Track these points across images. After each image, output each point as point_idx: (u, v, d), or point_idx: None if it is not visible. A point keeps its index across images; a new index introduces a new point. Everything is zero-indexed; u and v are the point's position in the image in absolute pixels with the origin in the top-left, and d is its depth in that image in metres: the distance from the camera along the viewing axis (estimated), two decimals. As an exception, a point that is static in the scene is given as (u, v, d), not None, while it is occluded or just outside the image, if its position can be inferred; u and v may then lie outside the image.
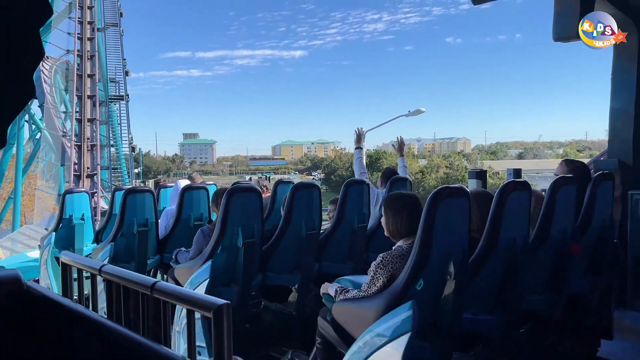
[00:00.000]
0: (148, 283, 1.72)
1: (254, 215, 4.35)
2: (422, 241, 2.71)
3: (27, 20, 1.61)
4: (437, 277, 2.78)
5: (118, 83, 36.20)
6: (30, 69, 1.68)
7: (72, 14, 35.72)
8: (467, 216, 2.97)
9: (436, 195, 2.78)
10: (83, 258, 2.48)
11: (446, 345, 2.89)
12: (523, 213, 3.37)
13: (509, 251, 3.20)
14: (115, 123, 36.16)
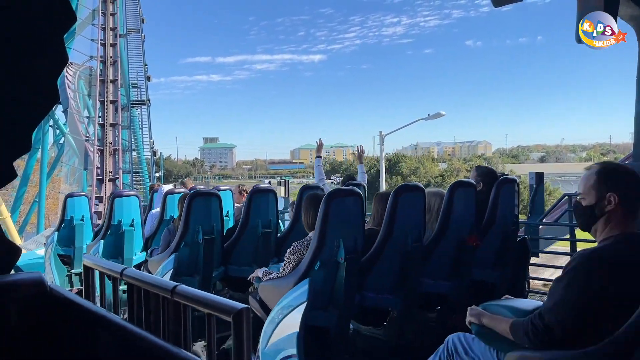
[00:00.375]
0: (168, 287, 1.73)
1: (214, 216, 5.13)
2: (319, 232, 3.38)
3: (51, 27, 1.64)
4: (331, 260, 3.47)
5: (140, 88, 36.68)
6: (54, 74, 1.70)
7: (95, 20, 36.40)
8: (360, 211, 3.65)
9: (331, 194, 3.47)
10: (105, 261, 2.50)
11: (342, 315, 3.53)
12: (417, 210, 4.00)
13: (404, 242, 3.82)
14: (137, 127, 36.63)
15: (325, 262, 3.45)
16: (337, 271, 3.52)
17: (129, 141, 34.58)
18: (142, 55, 37.51)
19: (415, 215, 4.10)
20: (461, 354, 2.61)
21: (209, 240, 4.95)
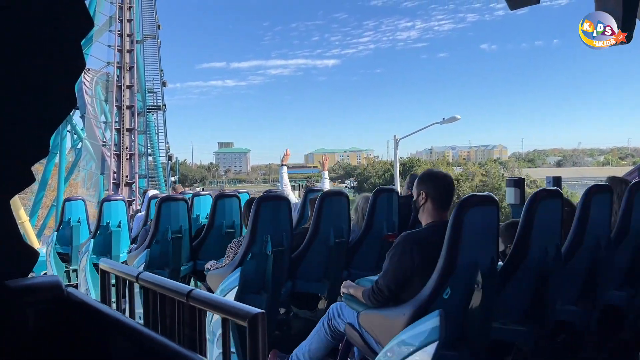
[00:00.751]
0: (184, 291, 1.73)
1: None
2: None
3: (68, 33, 1.66)
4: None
5: (156, 93, 37.07)
6: (71, 80, 1.72)
7: (112, 27, 36.91)
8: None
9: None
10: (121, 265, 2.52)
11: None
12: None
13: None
14: (153, 132, 37.02)
15: (256, 254, 4.15)
16: (267, 262, 4.20)
17: (145, 146, 34.94)
18: (158, 61, 37.94)
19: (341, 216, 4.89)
20: (336, 317, 3.37)
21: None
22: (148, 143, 35.69)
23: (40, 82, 1.61)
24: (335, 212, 4.83)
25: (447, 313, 2.67)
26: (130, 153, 32.85)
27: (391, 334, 2.81)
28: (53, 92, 1.66)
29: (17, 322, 1.72)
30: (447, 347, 2.75)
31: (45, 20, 1.57)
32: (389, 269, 2.88)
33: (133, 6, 38.03)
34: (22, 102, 1.60)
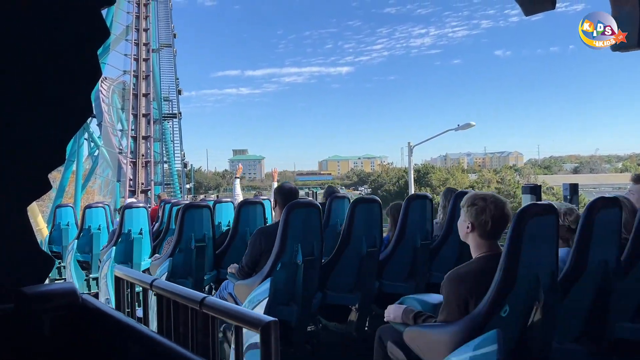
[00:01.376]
0: (197, 298, 1.73)
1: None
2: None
3: (85, 42, 1.68)
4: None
5: (171, 101, 37.44)
6: (88, 88, 1.74)
7: (128, 36, 37.43)
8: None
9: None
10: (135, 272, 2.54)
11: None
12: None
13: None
14: (169, 140, 37.36)
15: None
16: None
17: (160, 153, 35.27)
18: (173, 69, 38.35)
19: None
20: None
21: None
22: (164, 150, 36.02)
23: (56, 91, 1.64)
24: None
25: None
26: (146, 160, 33.19)
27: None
28: (69, 101, 1.68)
29: (32, 328, 1.74)
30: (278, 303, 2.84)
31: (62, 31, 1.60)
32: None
33: (149, 15, 38.57)
34: (38, 111, 1.62)
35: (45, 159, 1.68)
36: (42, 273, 1.85)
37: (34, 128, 1.62)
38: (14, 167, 1.62)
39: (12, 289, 1.71)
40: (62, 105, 1.66)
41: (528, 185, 7.87)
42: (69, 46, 1.64)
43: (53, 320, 1.76)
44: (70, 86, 1.65)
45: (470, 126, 21.81)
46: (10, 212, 1.66)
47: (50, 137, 1.65)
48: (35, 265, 1.80)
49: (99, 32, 1.70)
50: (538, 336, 2.57)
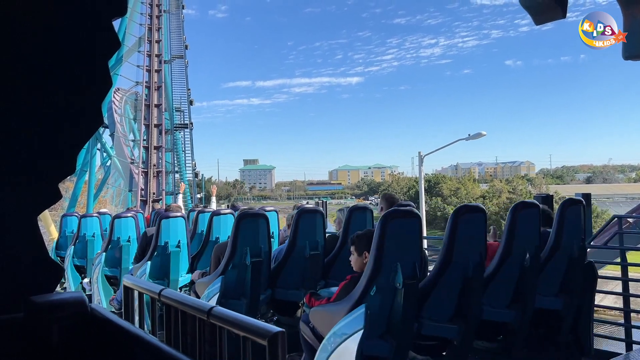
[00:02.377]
0: (205, 308, 1.73)
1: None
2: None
3: (96, 53, 1.70)
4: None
5: (183, 112, 37.68)
6: (98, 98, 1.76)
7: (141, 47, 37.88)
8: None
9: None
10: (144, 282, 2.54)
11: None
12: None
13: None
14: (180, 150, 37.56)
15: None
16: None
17: (172, 163, 35.48)
18: (185, 80, 38.62)
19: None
20: None
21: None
22: (175, 160, 36.23)
23: (66, 100, 1.65)
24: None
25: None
26: (157, 170, 33.41)
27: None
28: (80, 111, 1.69)
29: (42, 337, 1.74)
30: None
31: (73, 41, 1.62)
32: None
33: (162, 27, 39.03)
34: (48, 121, 1.64)
35: (56, 169, 1.69)
36: (51, 282, 1.86)
37: (44, 138, 1.64)
38: (24, 176, 1.63)
39: (22, 298, 1.72)
40: (72, 115, 1.67)
41: (540, 195, 7.78)
42: (80, 56, 1.66)
43: (62, 330, 1.76)
44: (81, 96, 1.67)
45: (481, 136, 21.74)
46: (21, 221, 1.67)
47: (60, 147, 1.66)
48: (45, 274, 1.81)
49: (110, 42, 1.72)
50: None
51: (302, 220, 5.29)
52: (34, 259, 1.77)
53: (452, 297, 3.72)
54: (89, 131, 1.78)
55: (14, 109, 1.58)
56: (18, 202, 1.65)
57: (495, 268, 3.99)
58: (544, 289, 4.27)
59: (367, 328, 3.14)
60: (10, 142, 1.59)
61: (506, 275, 4.03)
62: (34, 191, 1.67)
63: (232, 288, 4.81)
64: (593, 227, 8.28)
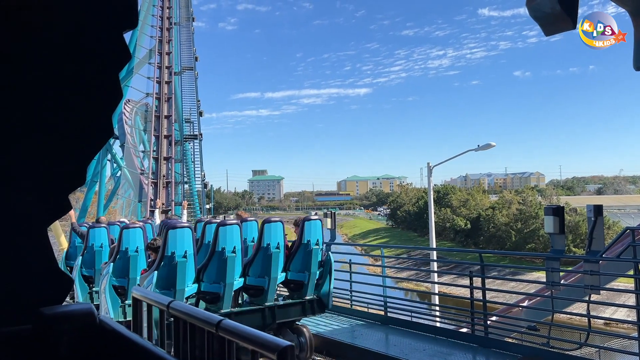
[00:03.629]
0: (213, 321, 1.71)
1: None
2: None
3: (107, 64, 1.71)
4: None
5: (192, 123, 37.88)
6: (109, 109, 1.77)
7: (151, 59, 38.25)
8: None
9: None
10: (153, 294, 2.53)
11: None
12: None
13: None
14: (189, 161, 37.71)
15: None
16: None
17: (181, 174, 35.62)
18: (195, 91, 38.88)
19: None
20: None
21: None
22: (184, 171, 36.37)
23: (77, 112, 1.66)
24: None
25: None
26: (167, 181, 33.56)
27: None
28: (90, 122, 1.70)
29: (50, 349, 1.73)
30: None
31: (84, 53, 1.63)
32: None
33: (172, 39, 39.42)
34: (58, 133, 1.64)
35: (66, 180, 1.70)
36: (61, 294, 1.85)
37: (55, 149, 1.64)
38: (34, 188, 1.64)
39: (31, 310, 1.72)
40: (83, 127, 1.68)
41: (550, 206, 7.71)
42: (91, 68, 1.67)
43: (71, 341, 1.75)
44: (92, 108, 1.68)
45: (490, 146, 21.65)
46: (31, 232, 1.67)
47: (70, 158, 1.67)
48: (54, 286, 1.81)
49: (121, 55, 1.73)
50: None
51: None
52: (43, 271, 1.77)
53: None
54: (99, 142, 1.79)
55: (24, 120, 1.58)
56: (28, 213, 1.66)
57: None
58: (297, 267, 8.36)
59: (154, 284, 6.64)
60: (21, 153, 1.60)
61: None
62: (44, 202, 1.68)
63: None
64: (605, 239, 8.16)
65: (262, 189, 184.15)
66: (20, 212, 1.64)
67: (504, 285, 23.49)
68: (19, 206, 1.63)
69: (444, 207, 65.70)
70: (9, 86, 1.55)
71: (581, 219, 46.11)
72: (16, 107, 1.57)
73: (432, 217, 21.93)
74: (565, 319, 16.73)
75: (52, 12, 1.61)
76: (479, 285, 8.23)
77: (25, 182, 1.62)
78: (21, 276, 1.73)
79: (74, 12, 1.62)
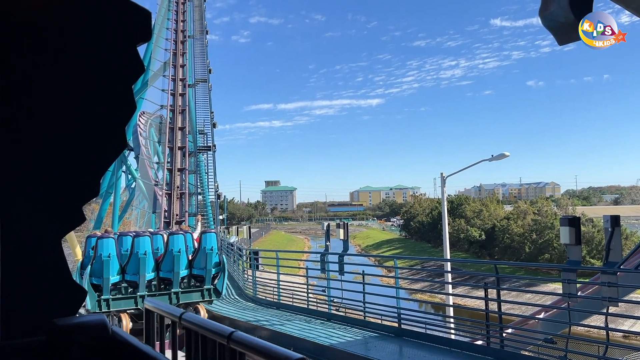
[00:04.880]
0: (225, 333, 1.71)
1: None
2: None
3: (121, 77, 1.73)
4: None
5: (206, 134, 38.12)
6: (122, 121, 1.78)
7: (166, 72, 38.72)
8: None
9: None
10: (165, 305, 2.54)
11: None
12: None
13: None
14: (203, 172, 37.93)
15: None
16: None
17: (195, 185, 35.83)
18: (208, 103, 39.19)
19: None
20: None
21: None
22: (198, 182, 36.58)
23: (91, 123, 1.68)
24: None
25: None
26: (181, 192, 33.78)
27: None
28: (104, 135, 1.72)
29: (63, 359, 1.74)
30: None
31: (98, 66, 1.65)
32: None
33: (186, 52, 39.90)
34: (73, 144, 1.66)
35: (80, 192, 1.71)
36: (74, 305, 1.86)
37: (68, 160, 1.66)
38: (48, 198, 1.65)
39: (45, 321, 1.73)
40: (97, 138, 1.70)
41: (566, 217, 7.61)
42: (106, 81, 1.69)
43: (83, 353, 1.76)
44: (106, 119, 1.70)
45: (504, 156, 21.50)
46: (45, 244, 1.69)
47: (84, 169, 1.68)
48: (68, 297, 1.82)
49: (135, 67, 1.75)
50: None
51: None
52: (57, 282, 1.78)
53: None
54: (113, 154, 1.81)
55: (39, 132, 1.60)
56: (42, 224, 1.67)
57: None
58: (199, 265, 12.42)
59: None
60: (35, 164, 1.62)
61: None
62: (58, 213, 1.69)
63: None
64: (623, 250, 8.04)
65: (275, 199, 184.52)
66: (35, 222, 1.65)
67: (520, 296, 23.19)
68: (33, 217, 1.65)
69: (458, 218, 65.20)
70: (24, 98, 1.57)
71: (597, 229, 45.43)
72: (30, 118, 1.59)
73: (446, 228, 21.76)
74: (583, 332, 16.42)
75: (68, 26, 1.63)
76: (494, 296, 8.13)
77: (40, 193, 1.64)
78: (35, 287, 1.74)
79: (89, 25, 1.65)
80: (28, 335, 1.72)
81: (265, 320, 11.25)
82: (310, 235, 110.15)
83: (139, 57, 1.79)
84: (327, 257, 12.81)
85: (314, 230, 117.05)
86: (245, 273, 16.56)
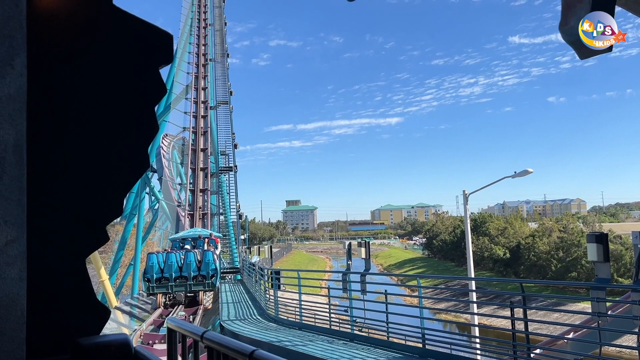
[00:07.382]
0: (246, 351, 1.70)
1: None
2: None
3: (143, 99, 1.77)
4: None
5: (227, 155, 38.58)
6: (145, 143, 1.82)
7: (188, 95, 39.47)
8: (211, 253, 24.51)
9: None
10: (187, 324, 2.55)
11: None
12: None
13: None
14: (225, 192, 38.28)
15: None
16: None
17: (217, 205, 36.15)
18: (230, 125, 39.73)
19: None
20: None
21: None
22: (220, 202, 36.89)
23: (113, 145, 1.71)
24: None
25: None
26: (203, 212, 34.12)
27: None
28: (127, 156, 1.75)
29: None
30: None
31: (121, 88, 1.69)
32: None
33: (208, 75, 40.66)
34: (97, 165, 1.70)
35: (103, 212, 1.74)
36: (98, 324, 1.88)
37: (92, 181, 1.69)
38: (72, 219, 1.69)
39: (69, 340, 1.75)
40: (119, 160, 1.73)
41: (593, 233, 7.43)
42: (128, 102, 1.73)
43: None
44: (127, 140, 1.73)
45: (527, 173, 21.19)
46: (69, 264, 1.72)
47: (107, 191, 1.72)
48: (91, 316, 1.84)
49: (158, 90, 1.79)
50: None
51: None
52: (81, 301, 1.80)
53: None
54: (136, 175, 1.84)
55: (62, 153, 1.64)
56: (66, 245, 1.70)
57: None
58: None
59: None
60: (59, 185, 1.65)
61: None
62: (82, 233, 1.72)
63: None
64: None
65: (296, 219, 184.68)
66: (59, 242, 1.68)
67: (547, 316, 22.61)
68: (58, 237, 1.68)
69: (481, 236, 64.24)
70: (50, 119, 1.62)
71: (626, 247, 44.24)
72: (55, 139, 1.64)
73: (470, 246, 21.44)
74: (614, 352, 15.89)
75: (92, 49, 1.68)
76: (521, 316, 7.94)
77: (64, 213, 1.67)
78: (59, 306, 1.77)
79: (113, 48, 1.70)
80: (52, 354, 1.74)
81: (288, 340, 11.16)
82: (332, 255, 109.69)
83: (161, 80, 1.83)
84: (349, 276, 12.69)
85: (335, 250, 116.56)
86: (267, 293, 16.51)
